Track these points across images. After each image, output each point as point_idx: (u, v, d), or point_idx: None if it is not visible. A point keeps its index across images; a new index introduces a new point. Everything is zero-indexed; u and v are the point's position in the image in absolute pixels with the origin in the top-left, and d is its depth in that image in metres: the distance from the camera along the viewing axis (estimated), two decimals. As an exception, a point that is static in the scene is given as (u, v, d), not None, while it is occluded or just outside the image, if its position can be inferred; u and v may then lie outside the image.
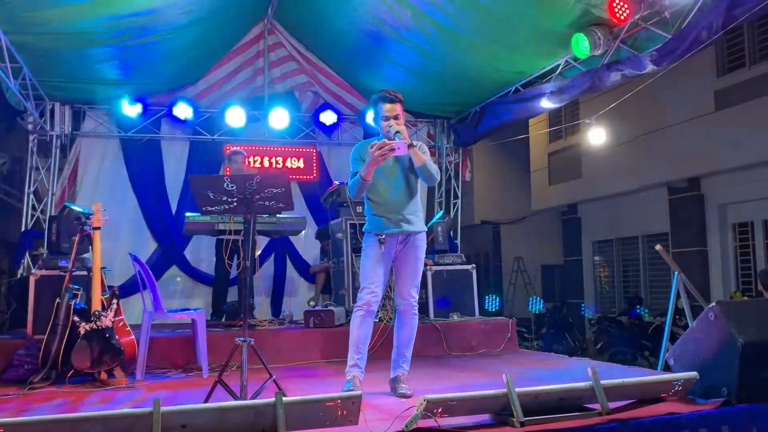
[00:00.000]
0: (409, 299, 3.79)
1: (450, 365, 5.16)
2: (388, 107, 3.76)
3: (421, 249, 3.82)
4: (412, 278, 3.79)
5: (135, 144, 7.78)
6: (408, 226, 3.76)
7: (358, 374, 3.71)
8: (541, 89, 6.66)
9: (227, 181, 3.38)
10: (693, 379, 3.04)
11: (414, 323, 3.83)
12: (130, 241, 7.57)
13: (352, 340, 3.72)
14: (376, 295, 3.71)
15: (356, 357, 3.71)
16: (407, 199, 3.80)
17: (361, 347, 3.71)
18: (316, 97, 8.37)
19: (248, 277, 3.98)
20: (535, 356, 6.02)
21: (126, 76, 6.98)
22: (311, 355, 5.41)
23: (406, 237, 3.77)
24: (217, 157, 8.01)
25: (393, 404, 3.42)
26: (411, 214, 3.79)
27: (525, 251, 15.56)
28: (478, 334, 5.98)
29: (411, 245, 3.79)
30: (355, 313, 3.73)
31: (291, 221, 6.15)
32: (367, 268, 3.74)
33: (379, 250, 3.71)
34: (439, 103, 8.30)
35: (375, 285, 3.69)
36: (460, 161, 8.99)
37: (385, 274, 3.75)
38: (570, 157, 13.47)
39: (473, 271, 6.66)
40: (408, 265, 3.79)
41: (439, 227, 6.97)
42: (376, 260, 3.72)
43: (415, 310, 3.82)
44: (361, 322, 3.70)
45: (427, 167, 3.72)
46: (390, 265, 3.81)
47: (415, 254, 3.79)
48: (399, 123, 3.76)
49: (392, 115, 3.75)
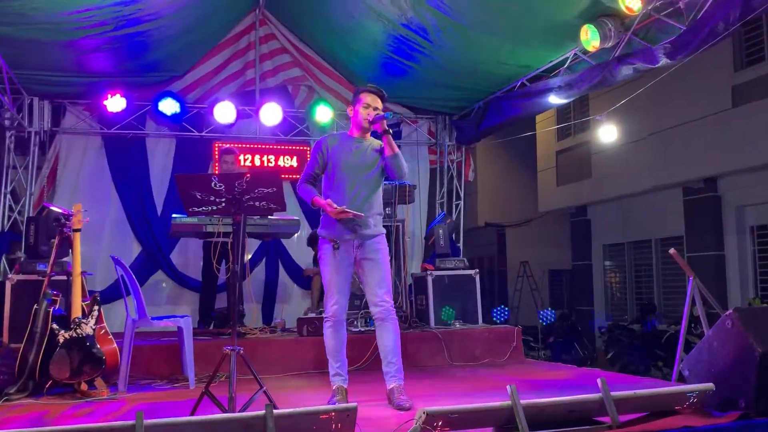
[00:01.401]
0: (385, 305, 3.85)
1: (451, 376, 5.16)
2: (371, 97, 3.93)
3: (381, 252, 3.91)
4: (380, 283, 3.86)
5: (118, 141, 7.77)
6: (365, 230, 3.86)
7: (341, 383, 3.84)
8: (549, 84, 6.66)
9: (215, 180, 3.38)
10: (708, 390, 3.03)
11: (395, 328, 3.87)
12: (113, 243, 7.55)
13: (329, 351, 3.90)
14: (341, 305, 3.87)
15: (336, 366, 3.87)
16: (368, 201, 3.88)
17: (338, 356, 3.88)
18: (311, 92, 8.36)
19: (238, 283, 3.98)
20: (542, 366, 6.03)
21: (109, 69, 6.97)
22: (304, 366, 5.41)
23: (361, 241, 3.87)
24: (205, 155, 8.00)
25: (390, 417, 3.41)
26: (369, 216, 3.88)
27: (531, 255, 15.56)
28: (481, 343, 5.99)
29: (369, 249, 3.88)
30: (325, 325, 3.90)
31: (283, 223, 6.15)
32: (327, 277, 3.88)
33: (333, 257, 3.83)
34: (440, 99, 8.31)
35: (339, 295, 3.85)
36: (463, 160, 8.99)
37: (346, 281, 3.87)
38: (579, 155, 13.48)
39: (476, 277, 6.66)
40: (373, 270, 3.87)
41: (441, 230, 6.98)
42: (334, 268, 3.84)
43: (393, 313, 3.89)
44: (333, 333, 3.87)
45: (399, 158, 3.86)
46: (351, 270, 3.91)
47: (376, 258, 3.88)
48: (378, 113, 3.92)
49: (374, 106, 3.92)
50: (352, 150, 3.93)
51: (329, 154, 3.91)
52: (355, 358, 4.84)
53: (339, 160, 3.89)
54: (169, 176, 7.88)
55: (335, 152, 3.92)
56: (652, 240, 12.42)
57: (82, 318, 4.41)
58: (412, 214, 7.85)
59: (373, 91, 3.95)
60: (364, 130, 3.98)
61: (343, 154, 3.91)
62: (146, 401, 4.17)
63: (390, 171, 3.89)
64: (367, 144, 3.98)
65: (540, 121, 13.31)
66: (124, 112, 7.48)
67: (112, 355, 4.46)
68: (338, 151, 3.92)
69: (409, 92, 8.12)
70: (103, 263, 7.32)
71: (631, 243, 13.04)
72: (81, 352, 4.30)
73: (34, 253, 5.58)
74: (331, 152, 3.92)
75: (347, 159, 3.89)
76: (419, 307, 6.75)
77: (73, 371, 4.26)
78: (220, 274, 6.40)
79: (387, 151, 3.86)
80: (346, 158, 3.89)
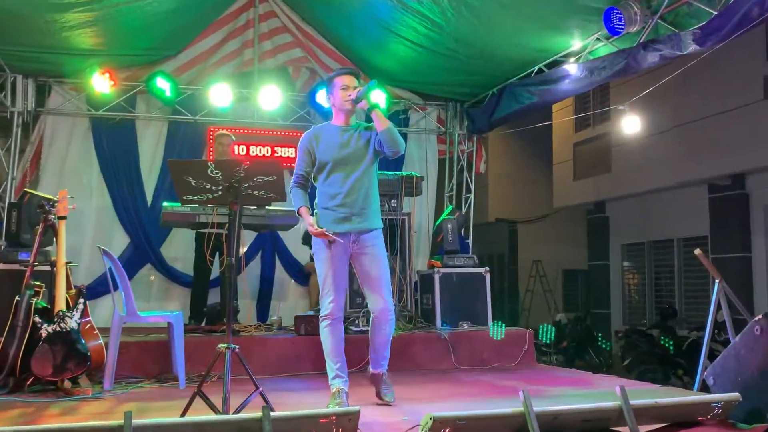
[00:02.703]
0: (385, 304, 3.94)
1: (459, 380, 5.16)
2: (347, 78, 4.03)
3: (379, 247, 3.97)
4: (379, 280, 3.94)
5: (106, 124, 7.76)
6: (361, 223, 3.92)
7: (341, 385, 3.86)
8: (568, 70, 6.64)
9: (211, 167, 3.38)
10: (735, 401, 3.03)
11: (390, 330, 4.01)
12: (99, 234, 7.56)
13: (327, 351, 3.93)
14: (339, 302, 3.91)
15: (335, 367, 3.91)
16: (364, 192, 3.94)
17: (337, 356, 3.92)
18: (313, 75, 8.35)
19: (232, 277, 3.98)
20: (555, 372, 6.04)
21: (98, 46, 6.96)
22: (302, 366, 5.41)
23: (358, 236, 3.92)
24: (199, 141, 8.00)
25: (394, 422, 3.42)
26: (366, 208, 3.94)
27: (545, 254, 15.57)
28: (490, 346, 5.98)
29: (367, 244, 3.94)
30: (321, 324, 3.93)
31: (282, 215, 6.15)
32: (322, 273, 3.93)
33: (328, 251, 3.88)
34: (451, 84, 8.28)
35: (335, 292, 3.90)
36: (474, 151, 8.97)
37: (342, 277, 3.94)
38: (598, 148, 13.45)
39: (487, 275, 6.66)
40: (371, 267, 3.94)
41: (449, 224, 6.97)
42: (329, 263, 3.90)
43: (392, 314, 3.98)
44: (330, 332, 3.91)
45: (392, 131, 3.88)
46: (347, 265, 3.98)
47: (374, 253, 3.94)
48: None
49: (352, 86, 4.00)
50: (339, 141, 3.96)
51: (317, 151, 3.96)
52: (356, 360, 4.83)
53: (329, 155, 3.94)
54: (160, 162, 7.88)
55: (323, 147, 3.96)
56: (675, 240, 12.40)
57: (66, 311, 4.42)
58: (418, 207, 7.85)
59: (346, 72, 4.08)
60: (348, 113, 4.05)
61: (331, 146, 3.95)
62: (134, 401, 4.18)
63: (385, 147, 3.90)
64: (353, 130, 4.03)
65: (557, 110, 13.27)
66: (113, 93, 7.48)
67: (97, 351, 4.47)
68: (326, 145, 3.96)
69: (418, 76, 8.10)
70: (88, 255, 7.34)
71: (651, 243, 13.03)
72: (65, 347, 4.31)
73: (16, 242, 5.59)
74: (318, 148, 3.96)
75: (337, 151, 3.93)
76: (425, 307, 6.75)
77: (56, 368, 4.27)
78: (214, 268, 6.40)
79: (379, 126, 3.88)
80: (336, 151, 3.93)
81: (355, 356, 4.76)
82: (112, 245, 7.43)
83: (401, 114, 8.71)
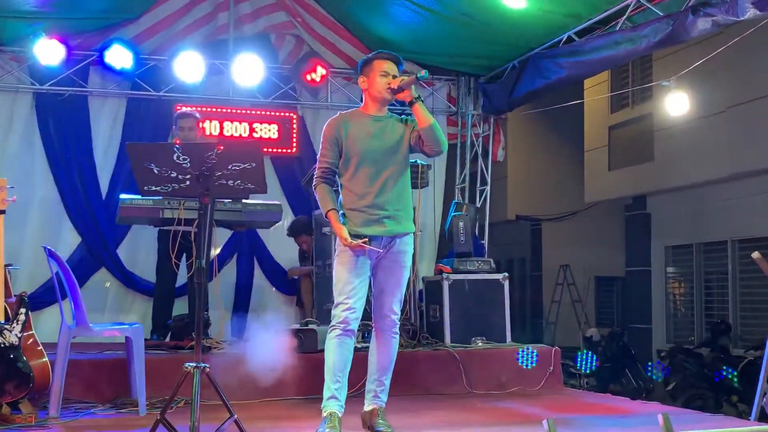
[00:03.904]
0: (392, 316, 4.08)
1: (471, 407, 5.17)
2: (388, 64, 4.05)
3: (408, 254, 4.12)
4: (396, 291, 4.09)
5: (53, 100, 7.77)
6: (395, 226, 4.03)
7: (336, 409, 3.90)
8: (603, 39, 6.64)
9: (178, 152, 3.38)
10: (799, 432, 3.04)
11: (394, 345, 4.11)
12: (44, 231, 7.58)
13: (328, 367, 3.95)
14: (355, 311, 3.96)
15: (333, 387, 3.93)
16: (397, 191, 4.05)
17: (338, 375, 3.94)
18: (299, 43, 8.35)
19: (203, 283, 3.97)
20: (586, 398, 6.05)
21: (43, 8, 6.96)
22: (285, 390, 5.41)
23: (391, 240, 4.02)
24: (163, 121, 8.00)
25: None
26: (400, 210, 4.06)
27: (574, 258, 15.57)
28: (509, 367, 5.99)
29: (397, 250, 4.06)
30: (329, 335, 3.98)
31: (262, 209, 6.14)
32: (343, 278, 3.99)
33: (355, 256, 3.97)
34: (464, 56, 8.28)
35: (354, 299, 3.96)
36: (491, 134, 8.98)
37: (365, 285, 4.02)
38: (638, 132, 13.45)
39: (505, 283, 6.66)
40: (393, 274, 4.07)
41: (461, 222, 6.96)
42: (355, 268, 3.97)
43: (397, 328, 4.10)
44: (338, 345, 3.94)
45: (436, 128, 3.99)
46: (370, 273, 4.06)
47: (400, 261, 4.08)
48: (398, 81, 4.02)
49: (393, 74, 4.03)
50: (371, 131, 4.03)
51: (346, 142, 4.01)
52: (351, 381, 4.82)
53: (357, 146, 4.01)
54: (117, 147, 7.89)
55: (352, 137, 4.01)
56: (728, 241, 12.39)
57: (4, 323, 4.41)
58: (424, 201, 7.84)
59: (388, 57, 4.08)
60: (383, 102, 4.11)
61: (361, 137, 4.01)
62: (85, 430, 4.18)
63: (426, 145, 4.02)
64: (387, 120, 4.12)
65: (589, 87, 13.25)
66: (62, 64, 7.47)
67: (42, 371, 4.46)
68: (355, 135, 4.02)
69: (425, 46, 8.09)
70: (31, 257, 7.33)
71: (701, 245, 13.02)
72: (2, 366, 4.30)
73: (-55, 241, 5.59)
74: (347, 138, 4.01)
75: (368, 143, 4.01)
76: (432, 320, 6.75)
77: (-7, 390, 4.27)
78: (180, 273, 6.40)
79: (422, 122, 3.98)
80: (366, 142, 4.01)
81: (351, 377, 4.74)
82: (59, 245, 7.43)
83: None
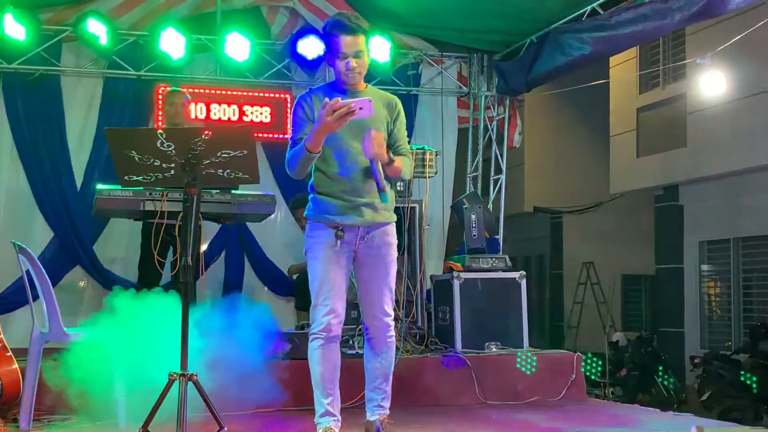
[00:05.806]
0: (383, 318, 4.01)
1: (485, 419, 5.18)
2: (347, 40, 3.82)
3: (392, 246, 4.04)
4: (384, 289, 4.00)
5: (22, 81, 7.77)
6: (373, 214, 3.95)
7: (331, 425, 3.89)
8: (631, 12, 6.63)
9: (162, 137, 3.38)
10: None
11: (391, 353, 4.07)
12: (12, 226, 7.59)
13: (316, 381, 3.93)
14: (338, 315, 3.91)
15: (326, 401, 3.91)
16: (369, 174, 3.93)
17: (329, 388, 3.92)
18: (294, 17, 8.34)
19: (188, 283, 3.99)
20: (611, 409, 6.06)
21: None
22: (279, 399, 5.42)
23: (368, 230, 3.95)
24: (144, 103, 8.01)
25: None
26: (377, 196, 3.95)
27: (598, 254, 15.57)
28: (527, 376, 6.01)
29: (378, 242, 3.99)
30: (311, 344, 3.93)
31: (252, 200, 6.15)
32: (319, 275, 3.92)
33: (332, 248, 3.89)
34: (476, 30, 8.27)
35: (334, 299, 3.90)
36: (506, 118, 8.97)
37: (344, 282, 3.95)
38: (670, 115, 13.43)
39: (522, 282, 6.66)
40: (377, 270, 4.00)
41: (473, 214, 6.96)
42: (331, 263, 3.91)
43: (391, 331, 4.04)
44: (322, 355, 3.91)
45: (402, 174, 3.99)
46: (350, 268, 4.02)
47: (384, 255, 4.01)
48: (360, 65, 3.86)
49: (351, 52, 3.83)
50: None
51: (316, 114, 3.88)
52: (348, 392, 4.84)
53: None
54: (93, 132, 7.89)
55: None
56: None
57: (-30, 327, 4.44)
58: (432, 191, 7.82)
59: (346, 30, 3.82)
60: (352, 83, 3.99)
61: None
62: (59, 444, 4.21)
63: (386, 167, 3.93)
64: (364, 94, 3.96)
65: (615, 65, 13.24)
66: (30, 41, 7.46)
67: (11, 379, 4.48)
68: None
69: (433, 20, 8.08)
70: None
71: (740, 239, 13.02)
72: (-31, 374, 4.33)
73: None
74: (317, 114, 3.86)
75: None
76: (440, 323, 6.76)
77: (-42, 401, 4.30)
78: (164, 271, 6.42)
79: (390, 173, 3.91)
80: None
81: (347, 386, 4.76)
82: (29, 241, 7.42)
83: (410, 69, 8.70)
